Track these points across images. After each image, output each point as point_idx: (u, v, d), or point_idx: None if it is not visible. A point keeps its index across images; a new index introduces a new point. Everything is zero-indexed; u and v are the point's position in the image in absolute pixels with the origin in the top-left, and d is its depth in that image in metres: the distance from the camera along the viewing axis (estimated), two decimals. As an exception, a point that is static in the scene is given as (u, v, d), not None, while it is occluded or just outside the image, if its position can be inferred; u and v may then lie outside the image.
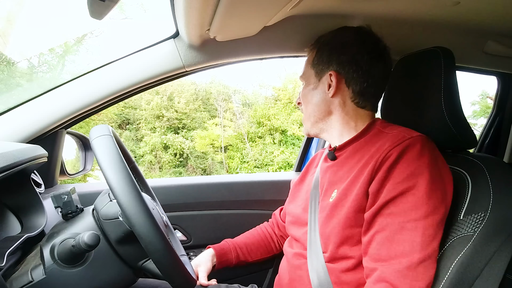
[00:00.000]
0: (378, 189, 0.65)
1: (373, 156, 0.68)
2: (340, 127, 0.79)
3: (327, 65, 0.78)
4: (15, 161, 0.61)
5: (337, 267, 0.71)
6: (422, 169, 0.62)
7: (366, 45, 0.75)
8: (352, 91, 0.77)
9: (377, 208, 0.64)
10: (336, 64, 0.76)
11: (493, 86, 1.37)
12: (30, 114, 0.90)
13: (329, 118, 0.80)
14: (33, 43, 7.87)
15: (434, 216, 0.61)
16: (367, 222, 0.66)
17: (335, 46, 0.77)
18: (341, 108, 0.78)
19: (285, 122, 7.96)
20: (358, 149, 0.75)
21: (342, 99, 0.77)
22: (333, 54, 0.77)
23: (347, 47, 0.76)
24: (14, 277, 0.58)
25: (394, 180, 0.63)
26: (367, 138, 0.75)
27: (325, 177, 0.80)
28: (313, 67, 0.81)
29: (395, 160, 0.64)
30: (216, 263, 0.96)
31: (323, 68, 0.78)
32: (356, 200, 0.67)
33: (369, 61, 0.75)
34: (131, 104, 9.10)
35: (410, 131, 0.69)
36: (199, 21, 0.75)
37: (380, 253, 0.62)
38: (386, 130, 0.74)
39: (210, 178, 1.27)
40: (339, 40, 0.78)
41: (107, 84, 0.93)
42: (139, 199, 0.52)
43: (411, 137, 0.66)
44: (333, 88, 0.76)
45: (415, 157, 0.63)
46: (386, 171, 0.64)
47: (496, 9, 0.81)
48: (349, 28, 0.79)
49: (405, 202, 0.62)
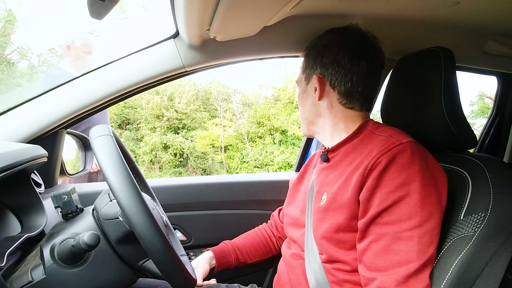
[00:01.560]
0: (369, 197, 0.64)
1: (362, 162, 0.67)
2: (330, 129, 0.79)
3: (312, 69, 0.79)
4: (15, 161, 0.61)
5: (333, 267, 0.71)
6: (413, 176, 0.62)
7: (348, 45, 0.75)
8: (337, 92, 0.76)
9: (371, 217, 0.64)
10: (320, 67, 0.77)
11: (493, 86, 1.36)
12: (30, 114, 0.90)
13: (318, 120, 0.81)
14: (33, 43, 7.87)
15: (429, 222, 0.61)
16: (361, 230, 0.66)
17: (318, 50, 0.78)
18: (329, 111, 0.78)
19: (285, 122, 7.95)
20: (350, 151, 0.74)
21: (330, 102, 0.77)
22: (317, 58, 0.78)
23: (328, 48, 0.76)
24: (14, 277, 0.58)
25: (385, 189, 0.63)
26: (358, 140, 0.75)
27: (318, 179, 0.80)
28: (302, 72, 0.82)
29: (384, 168, 0.63)
30: (216, 265, 0.96)
31: (309, 73, 0.80)
32: (348, 207, 0.67)
33: (351, 60, 0.74)
34: (131, 104, 9.09)
35: (399, 136, 0.68)
36: (199, 21, 0.75)
37: (377, 262, 0.62)
38: (377, 132, 0.73)
39: (210, 178, 1.27)
40: (322, 43, 0.78)
41: (107, 84, 0.93)
42: (139, 199, 0.52)
43: (400, 143, 0.65)
44: (318, 91, 0.77)
45: (405, 164, 0.62)
46: (376, 179, 0.63)
47: (496, 9, 0.81)
48: (335, 30, 0.79)
49: (399, 212, 0.62)
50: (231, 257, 0.98)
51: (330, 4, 0.83)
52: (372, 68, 0.76)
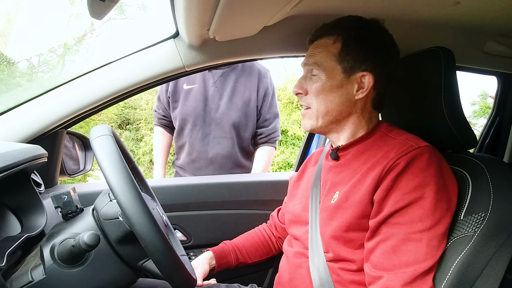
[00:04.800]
0: (384, 198, 0.64)
1: (379, 163, 0.67)
2: (354, 129, 0.76)
3: (359, 63, 0.70)
4: (15, 161, 0.61)
5: (339, 267, 0.71)
6: (429, 180, 0.62)
7: (395, 45, 0.73)
8: (376, 93, 0.74)
9: (384, 217, 0.64)
10: (370, 64, 0.70)
11: (495, 86, 1.36)
12: (30, 114, 0.90)
13: (347, 120, 0.75)
14: (33, 43, 7.88)
15: (439, 227, 0.62)
16: (372, 229, 0.66)
17: (369, 43, 0.70)
18: (361, 111, 0.74)
19: (285, 122, 7.94)
20: (362, 151, 0.74)
21: (365, 102, 0.74)
22: (368, 52, 0.70)
23: (380, 45, 0.71)
24: (14, 277, 0.58)
25: (401, 191, 0.63)
26: (372, 140, 0.74)
27: (328, 176, 0.79)
28: (339, 61, 0.71)
29: (402, 169, 0.63)
30: (216, 265, 0.96)
31: (353, 66, 0.70)
32: (360, 206, 0.67)
33: (395, 63, 0.73)
34: (131, 104, 9.08)
35: (417, 140, 0.68)
36: (199, 21, 0.75)
37: (384, 261, 0.63)
38: (391, 134, 0.73)
39: (210, 178, 1.27)
40: (371, 35, 0.70)
41: (107, 84, 0.93)
42: (139, 199, 0.52)
43: (419, 147, 0.65)
44: (366, 91, 0.71)
45: (423, 167, 0.63)
46: (392, 180, 0.64)
47: (496, 9, 0.81)
48: (376, 22, 0.73)
49: (412, 214, 0.62)
50: (231, 257, 0.98)
51: (330, 4, 0.83)
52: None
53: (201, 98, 1.43)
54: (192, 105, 1.43)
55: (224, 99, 1.43)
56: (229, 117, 1.43)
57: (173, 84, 1.45)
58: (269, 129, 1.51)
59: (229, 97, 1.43)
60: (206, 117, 1.44)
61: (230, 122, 1.43)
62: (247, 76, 1.45)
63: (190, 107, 1.44)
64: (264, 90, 1.48)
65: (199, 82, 1.44)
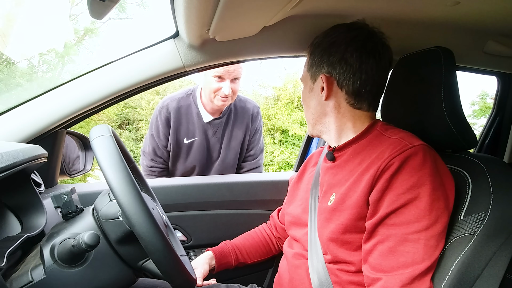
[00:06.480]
0: (379, 199, 0.64)
1: (374, 163, 0.67)
2: (338, 129, 0.78)
3: (319, 67, 0.77)
4: (15, 161, 0.61)
5: (337, 268, 0.71)
6: (424, 179, 0.62)
7: (355, 42, 0.73)
8: (345, 92, 0.75)
9: (380, 218, 0.64)
10: (327, 66, 0.75)
11: (495, 86, 1.36)
12: (30, 114, 0.90)
13: (325, 120, 0.79)
14: (33, 43, 7.86)
15: (436, 226, 0.61)
16: (368, 231, 0.66)
17: (325, 47, 0.76)
18: (336, 111, 0.77)
19: (285, 122, 7.94)
20: (358, 151, 0.74)
21: (337, 102, 0.76)
22: (324, 56, 0.76)
23: (335, 46, 0.74)
24: (14, 277, 0.58)
25: (396, 191, 0.63)
26: (367, 140, 0.74)
27: (325, 178, 0.80)
28: (308, 70, 0.80)
29: (397, 170, 0.63)
30: (216, 265, 0.96)
31: (315, 71, 0.78)
32: (356, 208, 0.67)
33: (359, 58, 0.72)
34: (131, 104, 9.09)
35: (411, 138, 0.68)
36: (199, 21, 0.75)
37: (382, 263, 0.62)
38: (387, 133, 0.72)
39: (210, 178, 1.27)
40: (329, 40, 0.76)
41: (107, 84, 0.93)
42: (139, 199, 0.52)
43: (413, 146, 0.64)
44: (326, 91, 0.75)
45: (417, 167, 0.62)
46: (387, 181, 0.63)
47: (496, 9, 0.81)
48: (341, 26, 0.77)
49: (408, 214, 0.62)
50: (231, 257, 0.98)
51: (330, 4, 0.83)
52: (381, 65, 0.74)
53: (203, 150, 1.49)
54: (197, 157, 1.50)
55: (223, 146, 1.51)
56: (227, 160, 1.53)
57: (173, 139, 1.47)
58: (251, 163, 1.60)
59: (227, 143, 1.51)
60: (208, 165, 1.53)
61: (226, 163, 1.53)
62: (241, 118, 1.53)
63: (195, 160, 1.50)
64: (255, 129, 1.57)
65: (200, 134, 1.47)
